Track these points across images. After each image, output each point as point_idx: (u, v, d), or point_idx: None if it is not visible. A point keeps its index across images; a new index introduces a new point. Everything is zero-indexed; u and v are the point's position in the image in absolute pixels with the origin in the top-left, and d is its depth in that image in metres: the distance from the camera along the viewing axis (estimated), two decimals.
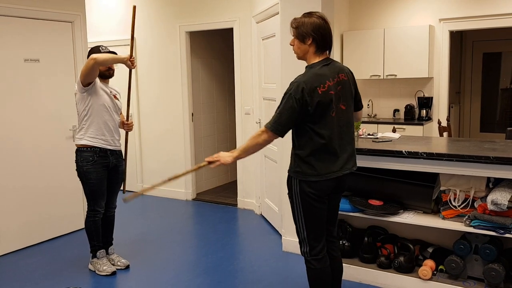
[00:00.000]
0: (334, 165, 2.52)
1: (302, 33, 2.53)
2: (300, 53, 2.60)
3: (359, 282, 3.49)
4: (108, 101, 3.61)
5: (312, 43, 2.53)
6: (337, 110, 2.51)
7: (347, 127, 2.58)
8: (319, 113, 2.45)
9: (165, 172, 6.18)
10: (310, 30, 2.51)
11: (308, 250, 2.62)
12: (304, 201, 2.55)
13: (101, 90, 3.57)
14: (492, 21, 5.75)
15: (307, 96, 2.41)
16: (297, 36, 2.56)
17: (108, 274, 3.70)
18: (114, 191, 3.82)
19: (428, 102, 6.20)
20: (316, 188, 2.52)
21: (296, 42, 2.58)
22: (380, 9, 6.45)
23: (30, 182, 4.40)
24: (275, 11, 4.30)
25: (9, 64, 4.22)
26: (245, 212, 5.49)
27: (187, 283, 3.59)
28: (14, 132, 4.27)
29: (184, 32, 5.79)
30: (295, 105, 2.42)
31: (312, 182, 2.51)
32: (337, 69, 2.56)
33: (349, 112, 2.61)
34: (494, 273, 3.01)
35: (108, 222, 3.87)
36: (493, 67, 8.24)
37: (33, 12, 4.35)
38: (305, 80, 2.45)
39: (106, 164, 3.64)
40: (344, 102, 2.56)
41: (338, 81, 2.52)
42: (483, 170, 2.95)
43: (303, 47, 2.56)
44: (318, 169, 2.49)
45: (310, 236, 2.60)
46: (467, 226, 3.08)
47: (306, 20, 2.53)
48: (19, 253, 4.28)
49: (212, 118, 6.48)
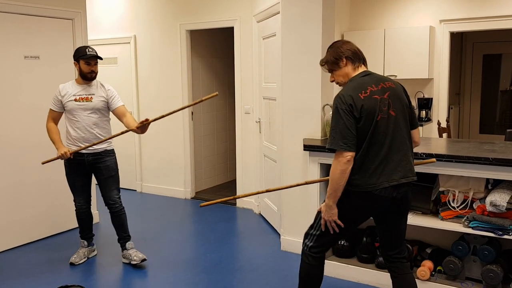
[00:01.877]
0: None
1: (334, 59, 2.51)
2: (343, 77, 2.52)
3: (357, 282, 3.50)
4: (74, 106, 3.70)
5: (347, 62, 2.50)
6: (387, 115, 2.40)
7: (400, 135, 2.44)
8: (365, 117, 2.36)
9: (165, 171, 6.19)
10: (339, 52, 2.50)
11: (310, 245, 2.58)
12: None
13: (69, 101, 3.71)
14: (492, 22, 5.75)
15: (351, 102, 2.34)
16: (332, 66, 2.53)
17: (72, 263, 3.91)
18: (105, 187, 3.83)
19: (428, 103, 6.20)
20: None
21: (336, 72, 2.54)
22: (380, 10, 6.45)
23: (28, 179, 4.40)
24: (276, 10, 4.30)
25: (9, 61, 4.21)
26: (244, 211, 5.49)
27: (186, 281, 3.59)
28: (13, 129, 4.26)
29: (184, 30, 5.79)
30: (347, 114, 2.33)
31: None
32: (380, 78, 2.50)
33: (401, 120, 2.46)
34: (492, 274, 3.02)
35: (113, 218, 3.90)
36: (493, 68, 8.25)
37: (33, 9, 4.35)
38: (345, 91, 2.41)
39: (79, 162, 3.76)
40: (394, 109, 2.43)
41: (383, 88, 2.42)
42: (482, 171, 2.95)
43: (342, 71, 2.51)
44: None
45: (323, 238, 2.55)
46: (466, 227, 3.09)
47: (331, 50, 2.55)
48: (17, 250, 4.28)
49: (212, 117, 6.48)
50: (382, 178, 2.37)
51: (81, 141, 3.73)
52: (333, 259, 3.67)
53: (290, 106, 3.95)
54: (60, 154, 3.65)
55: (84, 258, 3.99)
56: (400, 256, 2.58)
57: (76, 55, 3.70)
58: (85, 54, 3.65)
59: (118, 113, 3.78)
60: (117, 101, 3.79)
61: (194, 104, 3.50)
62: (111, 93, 3.80)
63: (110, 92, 3.80)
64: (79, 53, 3.69)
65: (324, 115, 3.81)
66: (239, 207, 5.63)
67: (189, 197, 6.07)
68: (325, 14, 3.73)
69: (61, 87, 3.78)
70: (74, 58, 3.71)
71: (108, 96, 3.77)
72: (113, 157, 3.87)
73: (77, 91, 3.73)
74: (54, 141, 3.74)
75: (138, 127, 3.56)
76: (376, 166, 2.37)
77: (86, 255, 4.03)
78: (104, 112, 3.80)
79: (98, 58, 3.72)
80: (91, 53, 3.67)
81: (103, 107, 3.77)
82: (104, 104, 3.77)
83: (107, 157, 3.82)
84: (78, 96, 3.71)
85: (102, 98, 3.76)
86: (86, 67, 3.68)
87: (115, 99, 3.80)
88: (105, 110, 3.80)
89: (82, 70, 3.70)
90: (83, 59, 3.66)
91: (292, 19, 3.85)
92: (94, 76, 3.75)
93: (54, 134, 3.76)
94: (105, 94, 3.77)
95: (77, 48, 3.76)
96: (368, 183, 2.36)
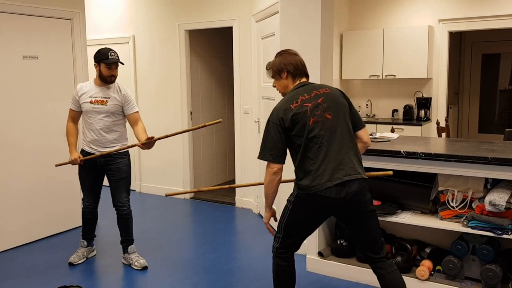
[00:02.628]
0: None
1: (277, 70, 2.67)
2: (283, 88, 2.71)
3: (357, 281, 3.50)
4: (89, 107, 3.70)
5: (288, 75, 2.67)
6: (322, 118, 2.50)
7: (340, 136, 2.52)
8: (297, 125, 2.51)
9: (164, 171, 6.18)
10: (283, 65, 2.66)
11: (277, 247, 2.69)
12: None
13: (85, 102, 3.71)
14: (491, 22, 5.75)
15: (283, 115, 2.51)
16: (274, 75, 2.70)
17: (71, 262, 3.91)
18: (115, 189, 3.81)
19: (426, 102, 6.20)
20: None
21: (277, 82, 2.71)
22: (379, 9, 6.45)
23: (27, 179, 4.40)
24: (275, 10, 4.29)
25: (8, 61, 4.21)
26: (243, 211, 5.49)
27: (185, 281, 3.59)
28: (11, 129, 4.26)
29: (183, 30, 5.79)
30: (276, 128, 2.51)
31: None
32: (315, 86, 2.66)
33: (340, 121, 2.54)
34: (491, 273, 3.02)
35: (120, 221, 3.89)
36: (492, 68, 8.26)
37: (32, 9, 4.34)
38: (279, 104, 2.58)
39: (91, 162, 3.76)
40: (330, 112, 2.52)
41: (317, 94, 2.56)
42: (481, 171, 2.95)
43: (283, 82, 2.69)
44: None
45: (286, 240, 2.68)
46: (465, 226, 3.09)
47: (277, 59, 2.70)
48: (17, 250, 4.27)
49: (211, 116, 6.48)
50: (325, 179, 2.44)
51: (94, 143, 3.73)
52: (332, 259, 3.67)
53: None
54: (71, 160, 3.70)
55: (83, 258, 3.99)
56: (379, 257, 2.60)
57: (98, 58, 3.64)
58: (107, 58, 3.60)
59: (130, 120, 3.75)
60: (131, 107, 3.74)
61: (196, 128, 3.56)
62: (126, 98, 3.74)
63: (125, 97, 3.74)
64: (100, 56, 3.61)
65: None
66: (238, 207, 5.63)
67: (188, 197, 6.06)
68: (323, 14, 3.73)
69: (79, 87, 3.77)
70: (95, 60, 3.65)
71: (124, 101, 3.72)
72: (125, 159, 3.82)
73: (94, 92, 3.70)
74: (69, 144, 3.78)
75: (144, 143, 3.56)
76: (317, 167, 2.46)
77: (85, 255, 4.02)
78: (118, 116, 3.76)
79: (120, 63, 3.69)
80: (113, 57, 3.62)
81: (117, 111, 3.73)
82: (119, 108, 3.73)
83: (119, 159, 3.78)
84: (94, 98, 3.69)
85: (117, 102, 3.71)
86: (107, 71, 3.63)
87: (130, 104, 3.74)
88: (119, 114, 3.76)
89: (102, 73, 3.64)
90: (104, 62, 3.61)
91: (291, 19, 3.85)
92: (113, 80, 3.70)
93: (70, 136, 3.79)
94: (120, 98, 3.72)
95: (99, 50, 3.66)
96: (312, 185, 2.46)
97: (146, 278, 3.66)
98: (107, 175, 3.82)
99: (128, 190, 3.88)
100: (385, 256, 2.62)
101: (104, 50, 3.65)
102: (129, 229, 3.92)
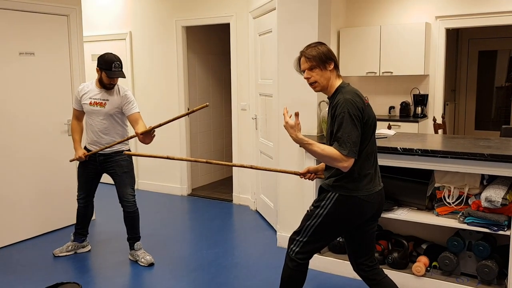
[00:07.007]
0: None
1: (325, 58, 2.40)
2: (325, 80, 2.43)
3: (353, 278, 3.50)
4: (88, 108, 3.74)
5: (334, 68, 2.44)
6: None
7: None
8: (368, 124, 2.41)
9: (161, 168, 6.18)
10: (332, 54, 2.43)
11: (296, 251, 2.57)
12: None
13: (85, 103, 3.75)
14: (488, 19, 5.76)
15: (363, 106, 2.37)
16: (319, 63, 2.40)
17: (53, 253, 4.02)
18: (119, 183, 3.82)
19: (423, 99, 6.21)
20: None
21: (320, 72, 2.42)
22: (376, 6, 6.45)
23: (24, 176, 4.38)
24: (272, 6, 4.29)
25: (4, 57, 4.19)
26: (241, 207, 5.50)
27: (182, 278, 3.60)
28: (8, 125, 4.24)
29: (180, 27, 5.77)
30: (359, 121, 2.32)
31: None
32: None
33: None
34: (487, 269, 3.04)
35: (126, 218, 3.90)
36: (489, 65, 8.28)
37: (28, 5, 4.32)
38: (352, 95, 2.37)
39: (92, 158, 3.82)
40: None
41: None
42: (478, 167, 2.96)
43: (327, 74, 2.43)
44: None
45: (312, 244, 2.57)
46: (461, 223, 3.10)
47: (322, 47, 2.44)
48: (13, 247, 4.26)
49: (208, 113, 6.47)
50: (375, 183, 2.49)
51: (94, 143, 3.78)
52: (329, 255, 3.68)
53: (286, 102, 3.94)
54: (77, 157, 3.78)
55: (67, 251, 4.04)
56: (373, 264, 2.63)
57: (101, 65, 3.60)
58: (109, 70, 3.57)
59: (131, 120, 3.74)
60: (131, 108, 3.73)
61: (185, 114, 3.43)
62: (126, 99, 3.73)
63: (125, 98, 3.72)
64: (105, 64, 3.58)
65: (320, 112, 3.82)
66: (235, 204, 5.63)
67: (185, 194, 6.06)
68: (321, 10, 3.73)
69: (80, 87, 3.80)
70: (98, 65, 3.63)
71: (123, 103, 3.71)
72: (125, 156, 3.82)
73: (94, 94, 3.72)
74: (74, 142, 3.87)
75: (142, 133, 3.53)
76: (374, 171, 2.49)
77: (70, 249, 4.06)
78: (117, 118, 3.76)
79: (122, 77, 3.64)
80: (117, 70, 3.60)
81: (116, 113, 3.73)
82: (117, 110, 3.73)
83: (117, 156, 3.79)
84: (93, 99, 3.71)
85: (115, 104, 3.71)
86: (107, 80, 3.62)
87: (130, 105, 3.73)
88: (118, 116, 3.76)
89: (103, 80, 3.64)
90: (106, 73, 3.59)
91: (288, 15, 3.84)
92: (112, 87, 3.71)
93: (75, 133, 3.88)
94: (120, 100, 3.71)
95: (105, 55, 3.62)
96: (367, 188, 2.44)
97: (143, 275, 3.66)
98: (110, 174, 3.84)
99: (132, 185, 3.89)
100: (377, 263, 2.68)
101: (109, 59, 3.59)
102: (135, 227, 3.93)
